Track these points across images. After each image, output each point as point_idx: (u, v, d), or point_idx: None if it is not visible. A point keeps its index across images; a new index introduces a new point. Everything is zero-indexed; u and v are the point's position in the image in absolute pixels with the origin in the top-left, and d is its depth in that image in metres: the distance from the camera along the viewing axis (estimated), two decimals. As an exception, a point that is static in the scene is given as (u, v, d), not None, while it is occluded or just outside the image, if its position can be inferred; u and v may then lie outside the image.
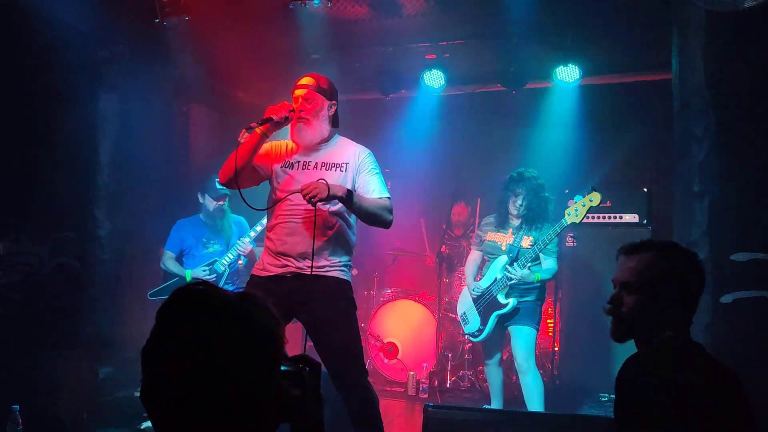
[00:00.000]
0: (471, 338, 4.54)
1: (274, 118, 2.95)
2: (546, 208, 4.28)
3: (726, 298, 3.57)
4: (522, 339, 4.14)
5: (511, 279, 4.08)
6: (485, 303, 4.27)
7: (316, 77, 3.14)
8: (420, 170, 6.83)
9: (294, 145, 3.19)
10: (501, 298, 4.17)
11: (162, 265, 4.77)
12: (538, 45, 5.36)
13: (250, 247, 4.71)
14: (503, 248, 4.24)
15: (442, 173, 6.89)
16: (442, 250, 5.74)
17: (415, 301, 5.80)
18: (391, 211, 3.09)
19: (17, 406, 3.30)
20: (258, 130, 2.96)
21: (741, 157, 3.62)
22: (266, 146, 3.16)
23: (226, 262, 4.64)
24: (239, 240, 4.68)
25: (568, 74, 5.30)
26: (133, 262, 5.02)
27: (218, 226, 4.73)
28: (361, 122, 6.84)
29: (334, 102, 3.17)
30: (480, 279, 4.39)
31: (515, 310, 4.16)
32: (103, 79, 4.84)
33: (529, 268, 4.08)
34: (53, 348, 4.45)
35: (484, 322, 4.27)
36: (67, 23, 4.59)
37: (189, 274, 4.65)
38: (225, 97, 6.22)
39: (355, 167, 3.10)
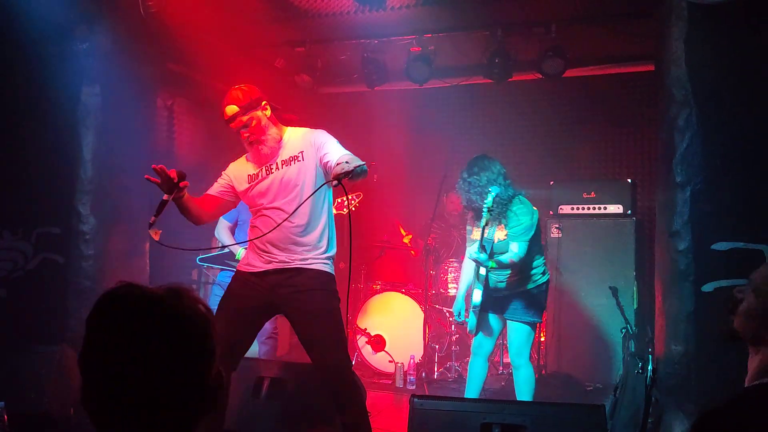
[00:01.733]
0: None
1: (165, 199, 2.89)
2: (503, 192, 3.98)
3: (707, 287, 3.62)
4: (513, 333, 4.05)
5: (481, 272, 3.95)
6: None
7: (234, 98, 3.04)
8: (406, 163, 6.85)
9: (251, 158, 3.20)
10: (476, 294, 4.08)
11: (216, 232, 4.87)
12: (522, 37, 5.38)
13: None
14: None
15: (427, 165, 6.90)
16: (428, 242, 5.75)
17: (402, 293, 5.82)
18: (362, 161, 2.94)
19: (2, 403, 3.28)
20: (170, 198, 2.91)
21: (722, 147, 3.67)
22: (227, 172, 3.22)
23: None
24: None
25: (553, 66, 5.31)
26: (118, 257, 4.99)
27: None
28: (347, 115, 6.84)
29: (264, 104, 3.11)
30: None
31: (511, 304, 4.03)
32: (84, 72, 4.78)
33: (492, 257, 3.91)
34: (38, 344, 4.42)
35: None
36: (47, 15, 4.54)
37: (239, 254, 4.68)
38: (209, 91, 6.17)
39: (313, 149, 3.09)
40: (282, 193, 3.08)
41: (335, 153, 3.00)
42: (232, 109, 3.04)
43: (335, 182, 2.74)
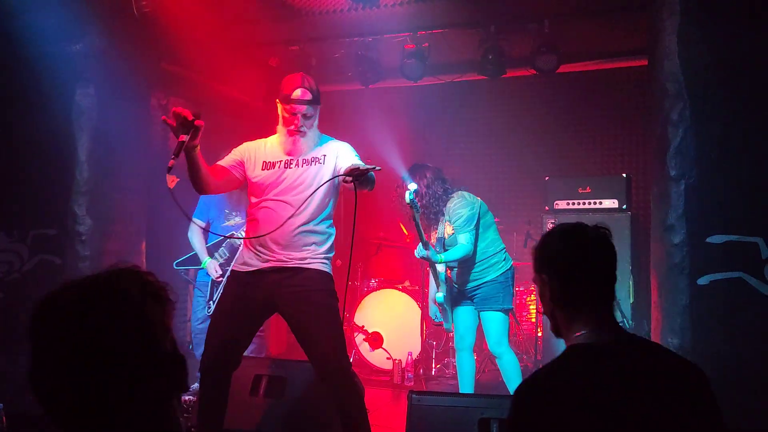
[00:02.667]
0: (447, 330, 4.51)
1: (182, 139, 2.75)
2: (436, 191, 4.16)
3: (703, 280, 3.64)
4: (488, 324, 4.10)
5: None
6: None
7: (309, 87, 3.06)
8: (401, 160, 6.84)
9: (275, 145, 3.18)
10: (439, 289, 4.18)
11: (189, 235, 4.80)
12: (515, 33, 5.39)
13: None
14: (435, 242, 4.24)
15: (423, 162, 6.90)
16: (426, 238, 5.75)
17: (399, 290, 5.83)
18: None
19: (1, 405, 3.28)
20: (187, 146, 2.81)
21: (716, 140, 3.69)
22: (242, 149, 3.18)
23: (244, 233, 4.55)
24: None
25: (546, 62, 5.32)
26: (115, 257, 4.98)
27: (239, 197, 4.66)
28: (341, 113, 6.84)
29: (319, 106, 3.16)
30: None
31: (480, 295, 4.10)
32: (79, 73, 4.77)
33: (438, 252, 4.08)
34: (36, 345, 4.42)
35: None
36: (41, 16, 4.53)
37: (205, 263, 4.66)
38: (204, 90, 6.17)
39: (335, 154, 3.11)
40: (293, 189, 3.06)
41: (350, 160, 3.04)
42: (307, 94, 3.04)
43: (349, 178, 2.74)
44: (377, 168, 2.77)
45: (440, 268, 4.15)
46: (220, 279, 4.55)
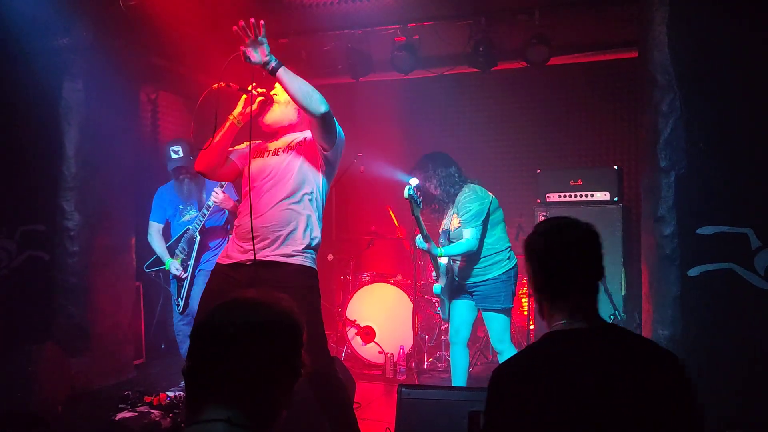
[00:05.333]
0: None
1: (252, 90, 3.02)
2: (447, 183, 4.09)
3: (693, 271, 3.64)
4: (490, 323, 4.06)
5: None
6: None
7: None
8: (392, 153, 6.83)
9: (258, 141, 3.21)
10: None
11: (149, 238, 4.67)
12: (506, 25, 5.37)
13: (223, 195, 4.30)
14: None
15: (414, 156, 6.88)
16: (416, 232, 5.74)
17: (391, 284, 5.82)
18: (326, 103, 2.95)
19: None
20: (234, 119, 3.03)
21: (706, 131, 3.69)
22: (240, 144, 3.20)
23: (198, 224, 4.45)
24: (213, 191, 4.32)
25: (537, 53, 5.30)
26: (104, 252, 4.96)
27: (188, 190, 4.58)
28: (332, 106, 6.80)
29: None
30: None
31: (482, 293, 4.05)
32: (66, 68, 4.74)
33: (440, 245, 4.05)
34: (25, 341, 4.40)
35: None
36: (27, 10, 4.48)
37: (168, 263, 4.55)
38: (193, 84, 6.13)
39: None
40: (278, 177, 3.05)
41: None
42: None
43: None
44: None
45: (442, 259, 4.12)
46: (185, 275, 4.51)
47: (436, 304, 5.90)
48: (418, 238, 4.03)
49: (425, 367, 5.72)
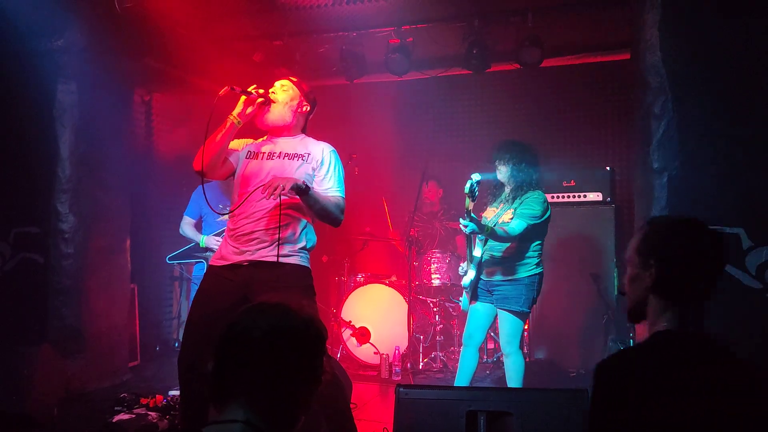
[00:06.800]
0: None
1: (252, 92, 3.08)
2: (524, 179, 4.11)
3: (686, 271, 3.67)
4: (503, 324, 4.07)
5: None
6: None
7: (299, 79, 3.29)
8: (386, 155, 6.85)
9: (254, 140, 3.26)
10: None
11: (180, 230, 5.08)
12: (499, 27, 5.39)
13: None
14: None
15: (408, 158, 6.91)
16: (411, 233, 5.77)
17: (386, 285, 5.84)
18: (342, 211, 3.13)
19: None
20: (234, 119, 3.08)
21: (698, 132, 3.72)
22: (232, 142, 3.21)
23: None
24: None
25: (530, 55, 5.33)
26: (99, 254, 4.95)
27: (227, 191, 4.67)
28: (326, 108, 6.80)
29: (307, 104, 3.27)
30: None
31: (502, 293, 4.04)
32: (60, 70, 4.73)
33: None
34: (20, 344, 4.38)
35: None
36: (21, 12, 4.47)
37: (202, 240, 4.91)
38: (187, 85, 6.13)
39: (318, 160, 3.15)
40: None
41: (328, 177, 3.13)
42: (290, 78, 3.33)
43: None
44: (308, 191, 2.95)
45: (477, 252, 4.10)
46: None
47: (431, 304, 5.92)
48: (468, 222, 3.88)
49: (420, 367, 5.74)
